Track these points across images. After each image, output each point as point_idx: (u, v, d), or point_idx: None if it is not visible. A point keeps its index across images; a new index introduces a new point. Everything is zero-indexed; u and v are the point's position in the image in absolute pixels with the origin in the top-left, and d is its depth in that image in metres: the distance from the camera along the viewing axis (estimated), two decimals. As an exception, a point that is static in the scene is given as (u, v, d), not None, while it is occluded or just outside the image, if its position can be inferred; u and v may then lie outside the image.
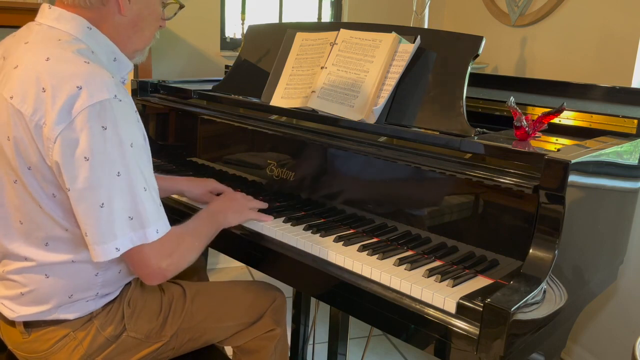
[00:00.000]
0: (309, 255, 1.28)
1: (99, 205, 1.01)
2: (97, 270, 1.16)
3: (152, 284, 1.16)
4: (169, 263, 1.11)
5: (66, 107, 0.99)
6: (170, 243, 1.11)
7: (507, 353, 0.97)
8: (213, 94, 1.82)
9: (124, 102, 1.04)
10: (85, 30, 1.11)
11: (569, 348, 2.31)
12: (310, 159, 1.48)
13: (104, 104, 1.00)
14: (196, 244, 1.21)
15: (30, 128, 1.02)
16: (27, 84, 1.03)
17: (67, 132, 0.99)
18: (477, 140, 1.23)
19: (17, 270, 1.15)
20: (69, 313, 1.17)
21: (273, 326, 1.43)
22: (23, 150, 1.05)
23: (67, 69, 1.02)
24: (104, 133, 1.00)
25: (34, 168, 1.05)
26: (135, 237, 1.05)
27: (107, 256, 1.04)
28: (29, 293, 1.15)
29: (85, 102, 0.99)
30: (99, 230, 1.03)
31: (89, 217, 1.02)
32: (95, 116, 0.99)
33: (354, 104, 1.44)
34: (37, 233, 1.11)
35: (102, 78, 1.02)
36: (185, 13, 3.03)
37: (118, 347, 1.23)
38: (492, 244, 1.17)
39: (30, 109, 1.02)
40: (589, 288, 1.33)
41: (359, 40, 1.51)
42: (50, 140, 1.00)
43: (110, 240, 1.03)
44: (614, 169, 1.28)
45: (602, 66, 2.32)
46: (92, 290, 1.18)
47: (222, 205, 1.38)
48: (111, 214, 1.02)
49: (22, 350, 1.21)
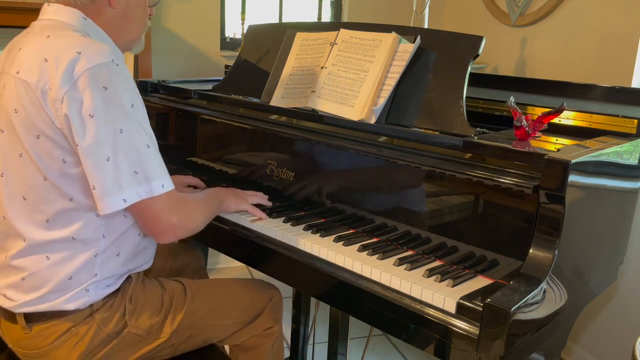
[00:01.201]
0: (309, 255, 1.28)
1: (105, 159, 1.07)
2: (95, 250, 1.18)
3: (164, 240, 1.20)
4: (178, 219, 1.17)
5: (68, 71, 1.06)
6: (177, 200, 1.18)
7: (507, 353, 0.97)
8: (213, 94, 1.82)
9: (121, 67, 1.11)
10: (81, 21, 1.19)
11: (569, 348, 2.31)
12: (310, 159, 1.48)
13: (102, 66, 1.07)
14: (201, 207, 1.28)
15: (37, 95, 1.09)
16: (30, 59, 1.12)
17: (71, 92, 1.06)
18: (477, 140, 1.23)
19: (19, 253, 1.17)
20: (69, 302, 1.18)
21: (271, 323, 1.44)
22: (30, 121, 1.10)
23: (67, 42, 1.11)
24: (104, 92, 1.07)
25: (43, 136, 1.10)
26: (142, 190, 1.11)
27: (115, 207, 1.09)
28: (30, 276, 1.17)
29: (85, 65, 1.06)
30: (105, 182, 1.08)
31: (96, 170, 1.08)
32: (95, 77, 1.06)
33: (354, 104, 1.44)
34: (40, 207, 1.15)
35: (100, 46, 1.11)
36: (185, 13, 3.05)
37: (119, 343, 1.23)
38: (492, 244, 1.17)
39: (35, 78, 1.09)
40: (589, 288, 1.33)
41: (359, 40, 1.51)
42: (58, 100, 1.07)
43: (116, 192, 1.08)
44: (614, 169, 1.28)
45: (602, 66, 2.32)
46: (90, 271, 1.19)
47: (222, 189, 1.47)
48: (117, 167, 1.08)
49: (23, 347, 1.22)
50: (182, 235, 1.19)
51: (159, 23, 2.91)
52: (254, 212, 1.43)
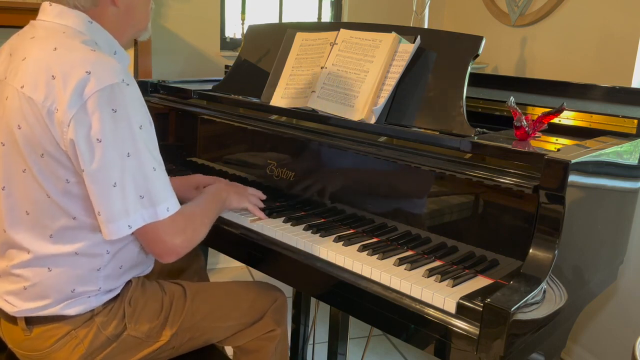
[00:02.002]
0: (309, 255, 1.28)
1: (112, 184, 1.05)
2: (99, 265, 1.18)
3: (168, 260, 1.18)
4: (182, 239, 1.15)
5: (77, 91, 1.02)
6: (183, 220, 1.16)
7: (507, 353, 0.97)
8: (213, 94, 1.82)
9: (132, 87, 1.07)
10: (87, 24, 1.15)
11: (569, 348, 2.31)
12: (310, 159, 1.48)
13: (113, 87, 1.04)
14: (205, 220, 1.25)
15: (42, 114, 1.06)
16: (37, 73, 1.07)
17: (79, 115, 1.03)
18: (477, 140, 1.23)
19: (21, 264, 1.16)
20: (71, 308, 1.17)
21: (274, 326, 1.43)
22: (34, 138, 1.08)
23: (75, 57, 1.06)
24: (114, 116, 1.04)
25: (47, 155, 1.08)
26: (147, 214, 1.09)
27: (120, 233, 1.08)
28: (32, 287, 1.16)
29: (95, 87, 1.02)
30: (111, 208, 1.06)
31: (102, 196, 1.06)
32: (105, 100, 1.03)
33: (354, 104, 1.44)
34: (43, 223, 1.13)
35: (109, 64, 1.07)
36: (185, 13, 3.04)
37: (118, 346, 1.23)
38: (492, 244, 1.17)
39: (41, 96, 1.05)
40: (589, 288, 1.33)
41: (359, 40, 1.51)
42: (64, 123, 1.04)
43: (122, 218, 1.07)
44: (614, 169, 1.28)
45: (602, 66, 2.32)
46: (94, 284, 1.18)
47: (224, 186, 1.44)
48: (123, 192, 1.06)
49: (23, 348, 1.21)
50: (185, 253, 1.17)
51: (159, 23, 2.91)
52: (255, 211, 1.43)
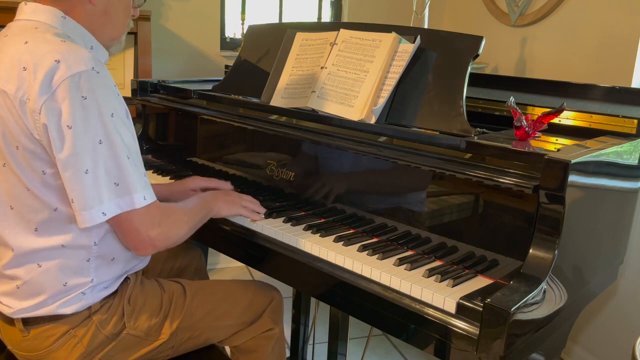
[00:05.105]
0: (309, 255, 1.28)
1: (84, 171, 1.05)
2: (87, 256, 1.17)
3: (143, 254, 1.18)
4: (158, 232, 1.14)
5: (47, 80, 1.03)
6: (159, 213, 1.15)
7: (507, 353, 0.97)
8: (213, 94, 1.82)
9: (102, 75, 1.07)
10: (60, 20, 1.15)
11: (569, 348, 2.31)
12: (310, 159, 1.48)
13: (82, 75, 1.03)
14: (185, 218, 1.23)
15: (15, 106, 1.06)
16: (9, 66, 1.08)
17: (49, 103, 1.03)
18: (477, 140, 1.23)
19: (11, 263, 1.16)
20: (66, 307, 1.17)
21: (271, 325, 1.43)
22: (10, 131, 1.08)
23: (46, 48, 1.06)
24: (83, 102, 1.04)
25: (22, 147, 1.08)
26: (123, 202, 1.08)
27: (94, 221, 1.07)
28: (25, 285, 1.16)
29: (65, 74, 1.03)
30: (84, 195, 1.05)
31: (75, 183, 1.05)
32: (74, 87, 1.03)
33: (354, 104, 1.44)
34: (27, 217, 1.13)
35: (79, 52, 1.06)
36: (185, 13, 3.04)
37: (118, 345, 1.23)
38: (492, 244, 1.17)
39: (13, 87, 1.06)
40: (588, 288, 1.33)
41: (359, 40, 1.51)
42: (36, 112, 1.04)
43: (96, 205, 1.06)
44: (614, 169, 1.28)
45: (602, 66, 2.32)
46: (85, 276, 1.18)
47: (215, 194, 1.42)
48: (96, 179, 1.06)
49: (22, 349, 1.21)
50: (161, 248, 1.16)
51: (159, 23, 2.91)
52: (250, 215, 1.41)
